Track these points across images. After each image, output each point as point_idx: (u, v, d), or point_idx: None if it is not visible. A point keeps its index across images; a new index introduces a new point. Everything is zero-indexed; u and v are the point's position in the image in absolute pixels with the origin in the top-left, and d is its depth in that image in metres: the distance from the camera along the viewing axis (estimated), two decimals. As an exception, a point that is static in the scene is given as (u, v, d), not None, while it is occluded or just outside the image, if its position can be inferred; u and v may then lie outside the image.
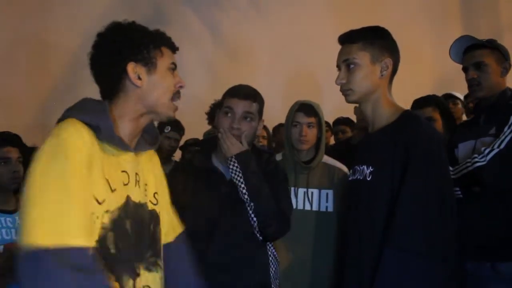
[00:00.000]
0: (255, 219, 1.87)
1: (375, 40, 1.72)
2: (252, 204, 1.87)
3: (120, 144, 1.30)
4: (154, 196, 1.45)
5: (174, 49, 1.42)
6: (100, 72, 1.34)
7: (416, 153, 1.57)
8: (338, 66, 1.77)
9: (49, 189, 1.11)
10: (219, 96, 2.19)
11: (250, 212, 1.88)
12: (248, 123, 1.95)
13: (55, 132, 1.19)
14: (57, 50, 4.61)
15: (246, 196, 1.87)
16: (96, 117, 1.26)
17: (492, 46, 2.24)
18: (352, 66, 1.71)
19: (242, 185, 1.87)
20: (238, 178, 1.88)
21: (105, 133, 1.25)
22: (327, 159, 2.51)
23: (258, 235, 1.91)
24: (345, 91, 1.74)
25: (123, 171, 1.32)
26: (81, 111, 1.26)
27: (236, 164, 1.89)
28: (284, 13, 5.35)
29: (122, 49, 1.30)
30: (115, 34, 1.33)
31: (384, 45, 1.73)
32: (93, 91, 1.36)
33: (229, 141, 1.90)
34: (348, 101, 1.78)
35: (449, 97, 3.54)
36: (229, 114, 1.94)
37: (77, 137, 1.19)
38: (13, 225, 2.26)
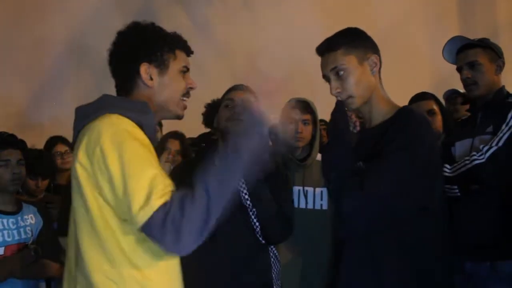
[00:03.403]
0: (257, 223, 1.88)
1: (355, 41, 1.69)
2: (254, 209, 1.87)
3: (154, 141, 1.34)
4: None
5: (188, 52, 1.47)
6: (116, 69, 1.42)
7: (403, 133, 1.56)
8: (326, 77, 1.72)
9: (134, 165, 1.18)
10: (209, 96, 2.18)
11: (253, 217, 1.88)
12: None
13: (108, 122, 1.24)
14: (53, 48, 4.61)
15: (248, 202, 1.87)
16: (141, 115, 1.32)
17: (484, 45, 2.25)
18: (341, 72, 1.66)
19: (244, 191, 1.88)
20: (240, 184, 1.88)
21: (148, 131, 1.31)
22: (320, 156, 2.51)
23: (260, 238, 1.91)
24: (346, 100, 1.69)
25: None
26: (125, 109, 1.30)
27: None
28: (277, 12, 5.32)
29: (137, 49, 1.37)
30: (132, 34, 1.40)
31: (365, 44, 1.71)
32: (89, 89, 1.36)
33: None
34: (353, 109, 1.72)
35: (456, 93, 3.44)
36: (230, 106, 1.94)
37: (135, 128, 1.27)
38: (15, 227, 2.25)
